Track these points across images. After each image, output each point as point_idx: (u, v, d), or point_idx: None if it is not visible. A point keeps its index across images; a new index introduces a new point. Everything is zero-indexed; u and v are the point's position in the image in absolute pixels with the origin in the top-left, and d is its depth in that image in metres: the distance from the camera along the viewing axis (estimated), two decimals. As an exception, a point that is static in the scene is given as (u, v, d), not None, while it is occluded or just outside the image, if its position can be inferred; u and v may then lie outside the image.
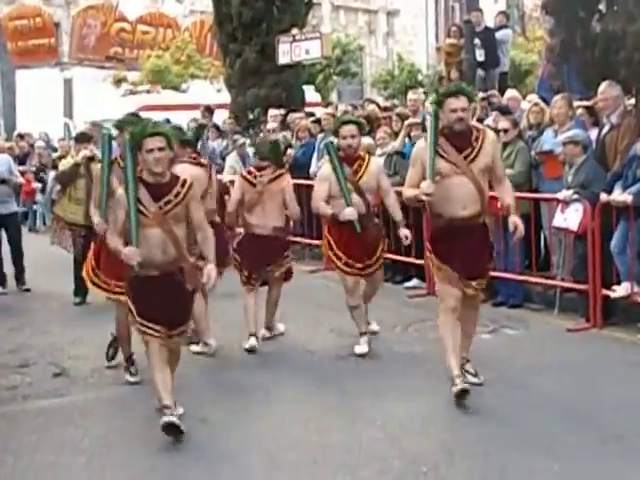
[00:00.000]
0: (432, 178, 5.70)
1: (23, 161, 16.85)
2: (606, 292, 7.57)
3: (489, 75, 13.80)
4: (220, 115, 15.57)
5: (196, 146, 7.85)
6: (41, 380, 6.77)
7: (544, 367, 6.41)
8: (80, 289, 9.36)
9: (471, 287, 5.92)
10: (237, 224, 7.75)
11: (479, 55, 13.56)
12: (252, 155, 10.90)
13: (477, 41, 13.62)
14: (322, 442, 5.25)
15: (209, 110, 14.58)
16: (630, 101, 8.94)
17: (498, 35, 13.91)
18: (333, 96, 26.66)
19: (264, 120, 14.14)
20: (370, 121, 10.36)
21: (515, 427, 5.35)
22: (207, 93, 22.22)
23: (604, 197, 7.55)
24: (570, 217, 7.76)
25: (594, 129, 8.55)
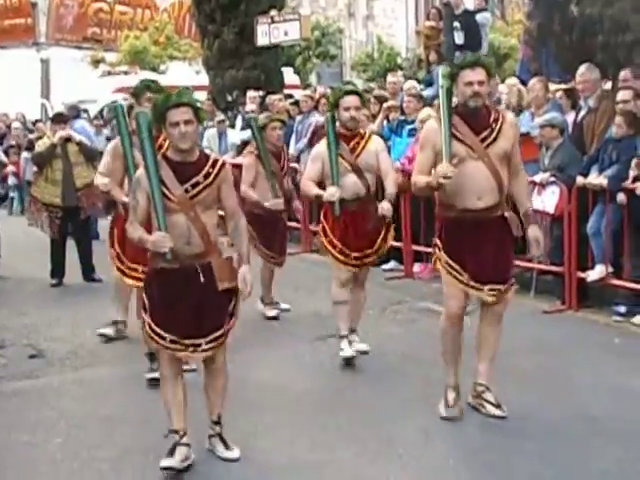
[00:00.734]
0: (449, 160, 4.94)
1: (0, 142, 16.74)
2: (581, 275, 7.64)
3: (467, 58, 13.77)
4: (199, 97, 15.47)
5: None
6: (17, 361, 6.73)
7: (520, 348, 6.45)
8: (57, 270, 9.33)
9: (484, 292, 5.11)
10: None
11: (458, 38, 13.51)
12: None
13: (456, 24, 13.59)
14: (298, 423, 5.27)
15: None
16: (607, 85, 8.98)
17: (477, 18, 13.89)
18: (312, 78, 26.62)
19: (243, 102, 14.10)
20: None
21: (490, 407, 5.39)
22: (186, 75, 22.13)
23: (580, 180, 7.61)
24: (547, 200, 7.80)
25: (571, 112, 8.59)
